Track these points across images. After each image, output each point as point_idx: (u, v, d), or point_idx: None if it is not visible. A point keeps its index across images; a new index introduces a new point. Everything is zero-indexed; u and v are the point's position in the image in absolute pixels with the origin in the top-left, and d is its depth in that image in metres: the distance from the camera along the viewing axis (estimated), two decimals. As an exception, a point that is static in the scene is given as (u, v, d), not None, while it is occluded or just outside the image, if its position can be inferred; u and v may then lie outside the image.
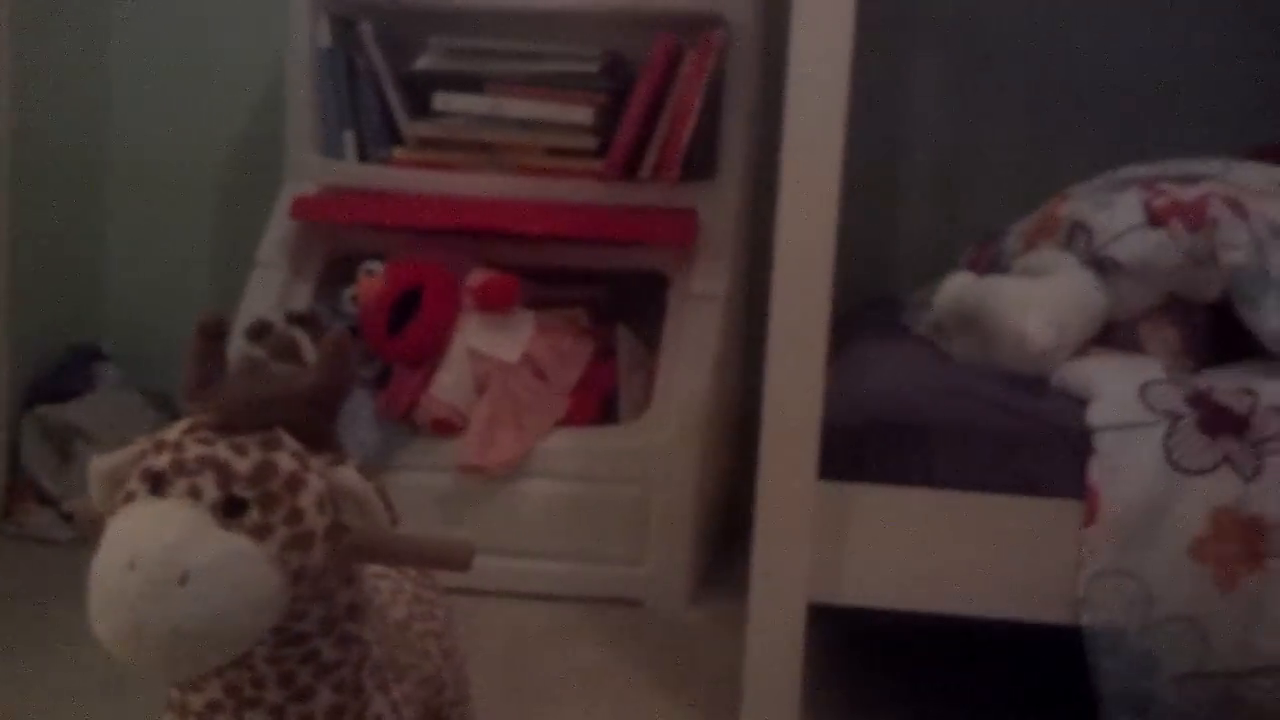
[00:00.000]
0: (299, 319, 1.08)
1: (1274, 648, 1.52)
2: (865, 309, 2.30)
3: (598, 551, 2.19)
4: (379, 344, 2.27)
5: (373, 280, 2.32)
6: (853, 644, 1.98)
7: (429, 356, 2.29)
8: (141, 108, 2.86)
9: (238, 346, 1.00)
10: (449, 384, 2.26)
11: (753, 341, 2.00)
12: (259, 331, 1.03)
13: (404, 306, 2.28)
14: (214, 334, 0.97)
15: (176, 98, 2.85)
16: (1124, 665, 1.53)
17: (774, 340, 1.54)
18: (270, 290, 2.40)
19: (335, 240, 2.50)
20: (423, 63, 2.48)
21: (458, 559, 0.95)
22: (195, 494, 0.87)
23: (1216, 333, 1.77)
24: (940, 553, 1.59)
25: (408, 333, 2.27)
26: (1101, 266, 1.74)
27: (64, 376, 2.64)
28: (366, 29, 2.48)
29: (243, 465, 0.88)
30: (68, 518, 2.42)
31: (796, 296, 1.53)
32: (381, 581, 1.13)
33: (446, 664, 1.16)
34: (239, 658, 0.91)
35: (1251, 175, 1.84)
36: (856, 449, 1.59)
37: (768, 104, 2.23)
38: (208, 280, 2.88)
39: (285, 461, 0.90)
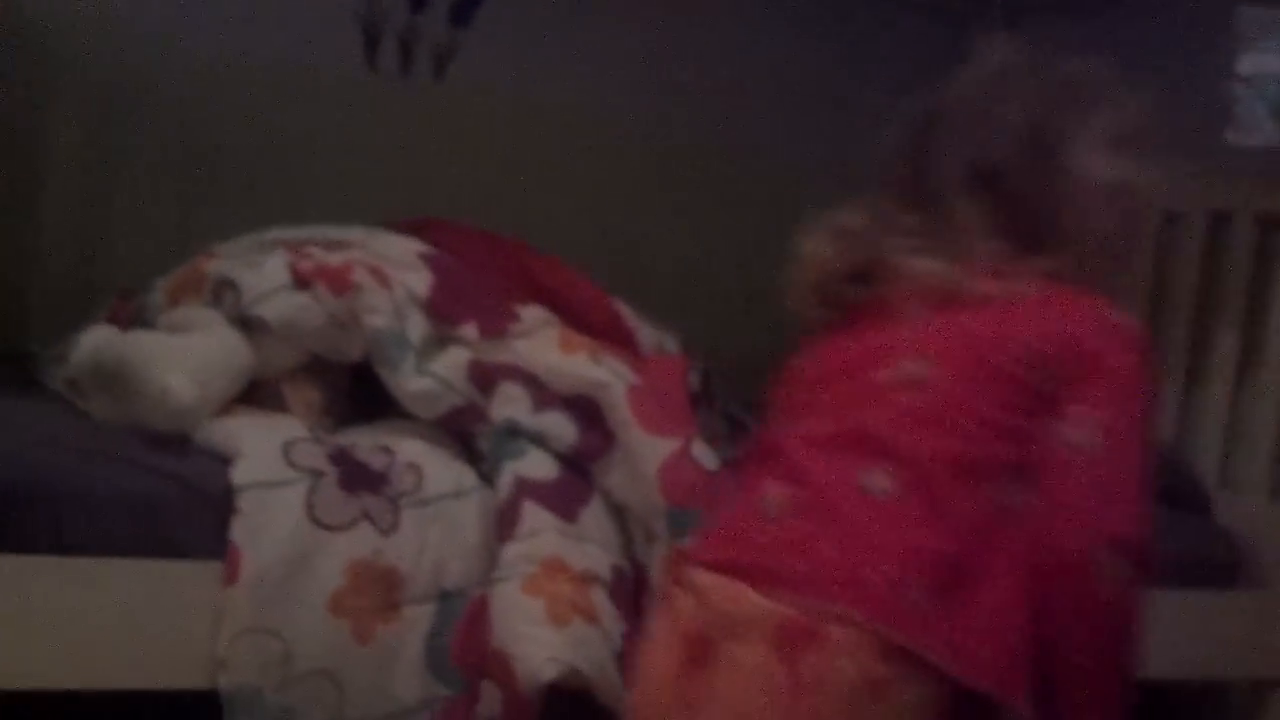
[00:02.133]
0: None
1: (407, 693, 1.60)
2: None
3: None
4: None
5: None
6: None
7: None
8: None
9: None
10: None
11: None
12: None
13: None
14: None
15: None
16: (260, 723, 1.52)
17: None
18: None
19: None
20: None
21: None
22: None
23: (357, 393, 1.84)
24: (76, 624, 1.48)
25: None
26: (248, 325, 1.74)
27: None
28: None
29: None
30: None
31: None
32: None
33: None
34: None
35: (392, 245, 1.95)
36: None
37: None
38: None
39: None
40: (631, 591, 1.68)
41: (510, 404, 1.76)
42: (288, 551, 1.53)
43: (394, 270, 1.85)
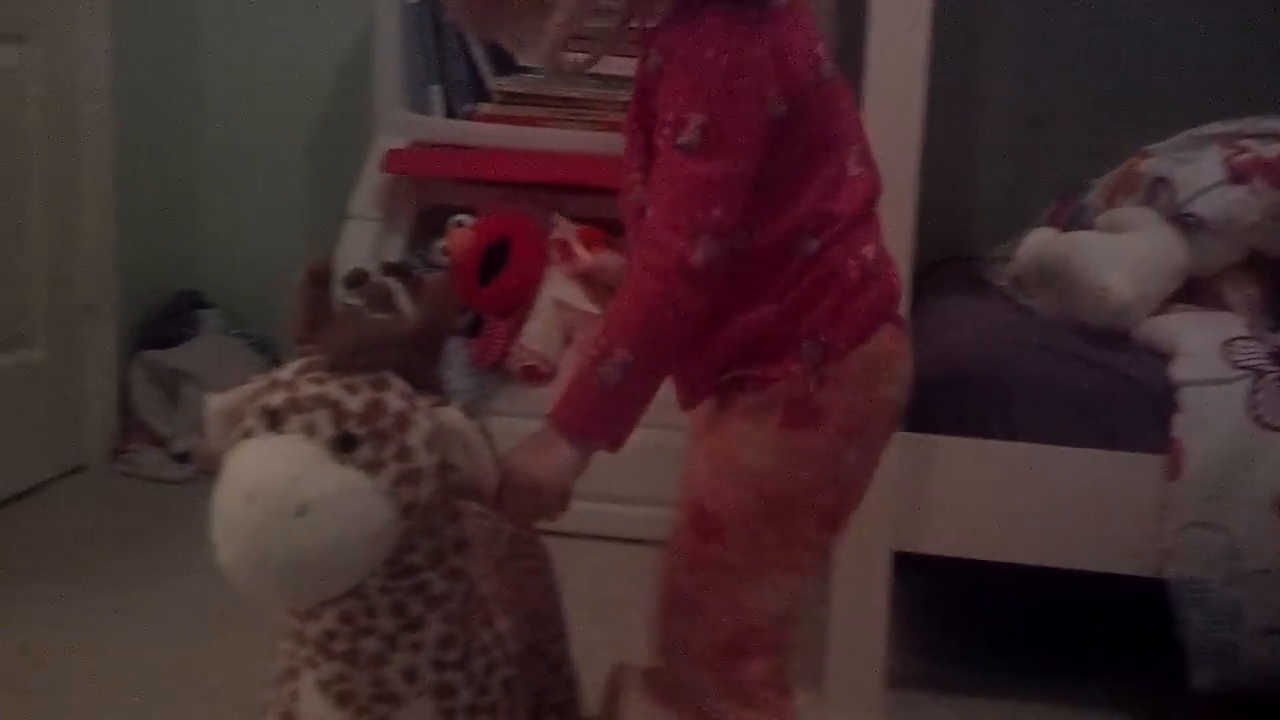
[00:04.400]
0: (392, 269, 1.13)
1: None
2: (944, 265, 2.32)
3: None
4: (469, 294, 2.34)
5: (462, 232, 2.38)
6: (933, 593, 2.02)
7: (517, 306, 2.35)
8: (235, 64, 2.93)
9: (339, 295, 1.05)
10: (537, 333, 2.32)
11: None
12: (356, 280, 1.08)
13: (492, 258, 2.34)
14: (322, 279, 1.01)
15: (269, 54, 2.92)
16: (1209, 617, 1.56)
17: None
18: (363, 242, 2.46)
19: (425, 193, 2.57)
20: (509, 18, 2.52)
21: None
22: (310, 430, 0.91)
23: (1299, 289, 1.78)
24: (1021, 505, 1.62)
25: (497, 283, 2.33)
26: (1183, 223, 1.76)
27: (169, 323, 2.75)
28: (454, -16, 2.52)
29: (354, 403, 0.92)
30: (179, 458, 2.53)
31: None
32: (483, 521, 1.16)
33: (546, 600, 1.22)
34: (354, 588, 0.95)
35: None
36: (937, 402, 1.61)
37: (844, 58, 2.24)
38: (302, 231, 2.95)
39: (394, 401, 0.94)
40: None
41: None
42: (1230, 448, 1.54)
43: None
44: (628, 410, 1.07)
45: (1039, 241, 1.86)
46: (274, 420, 0.92)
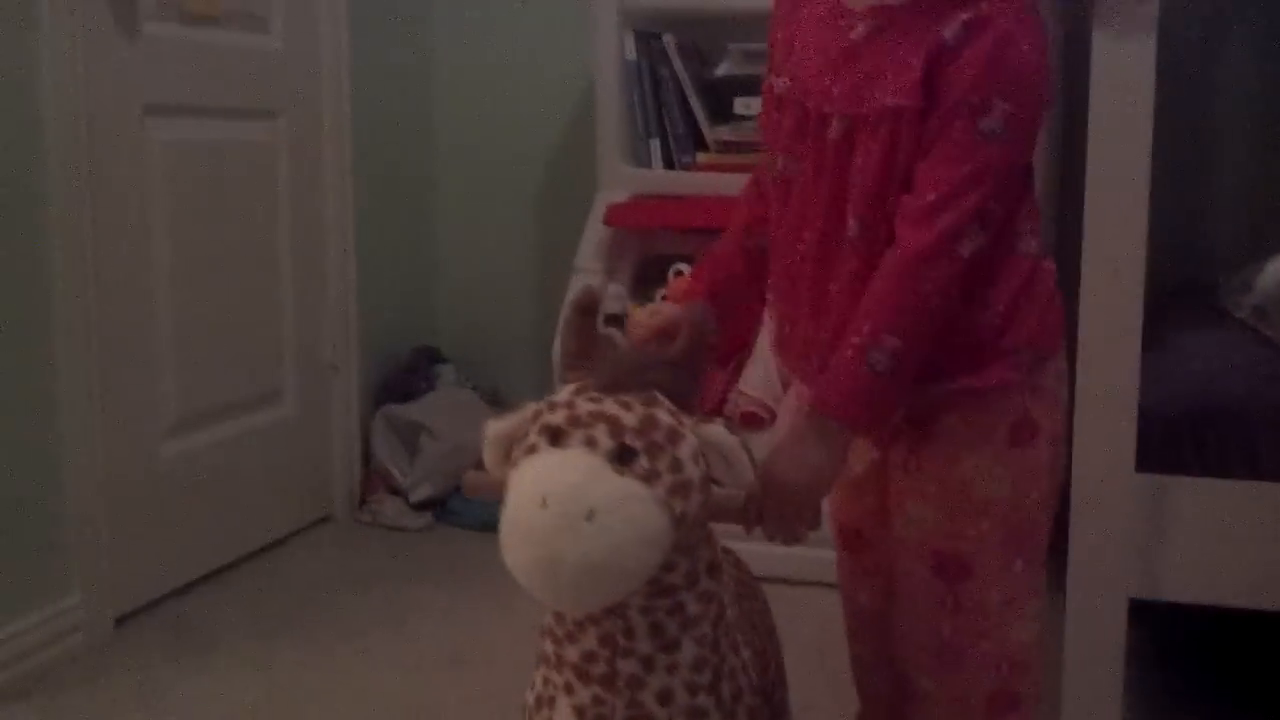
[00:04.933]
0: (613, 320, 1.17)
1: None
2: (1178, 294, 2.22)
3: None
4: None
5: (682, 280, 2.41)
6: (1169, 641, 1.92)
7: (736, 353, 2.36)
8: (465, 126, 3.07)
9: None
10: (757, 379, 2.32)
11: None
12: (586, 307, 1.10)
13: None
14: (587, 309, 1.08)
15: (496, 114, 3.04)
16: None
17: (1085, 328, 1.51)
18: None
19: (646, 244, 2.61)
20: (723, 69, 2.56)
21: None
22: (591, 443, 0.96)
23: None
24: (1267, 549, 1.53)
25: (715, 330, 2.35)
26: None
27: (409, 378, 2.88)
28: (669, 40, 2.57)
29: (630, 418, 0.97)
30: (418, 506, 2.64)
31: (1107, 284, 1.50)
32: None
33: (769, 642, 1.22)
34: (613, 608, 0.99)
35: None
36: (1175, 439, 1.55)
37: (1069, 87, 2.18)
38: (531, 286, 3.05)
39: (665, 417, 0.98)
40: None
41: None
42: None
43: None
44: (894, 397, 1.07)
45: (1281, 269, 1.76)
46: (555, 436, 0.97)
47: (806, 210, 1.12)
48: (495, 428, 1.02)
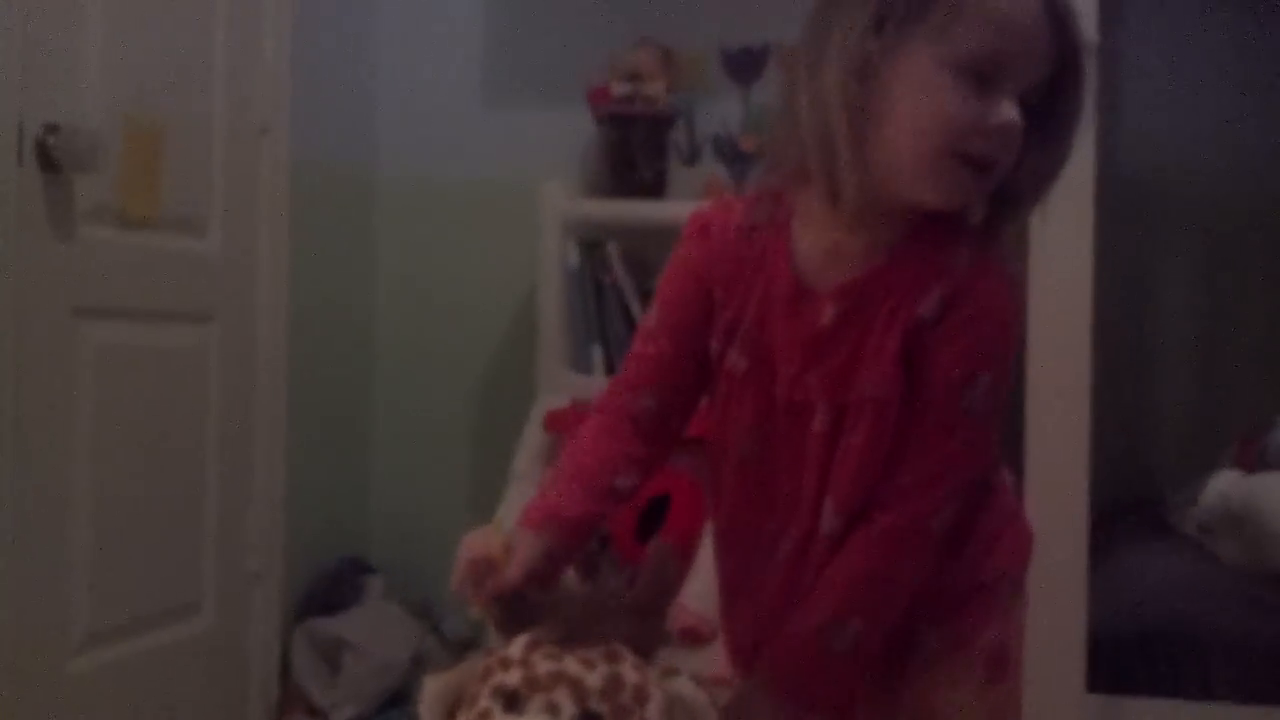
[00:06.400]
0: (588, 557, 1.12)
1: None
2: (1124, 509, 2.21)
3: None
4: (628, 552, 2.30)
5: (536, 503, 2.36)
6: None
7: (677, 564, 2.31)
8: (405, 332, 3.05)
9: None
10: (698, 592, 2.26)
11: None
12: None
13: (652, 514, 2.32)
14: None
15: (437, 321, 3.03)
16: None
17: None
18: (526, 502, 2.46)
19: (584, 452, 2.58)
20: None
21: None
22: (553, 710, 0.89)
23: None
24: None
25: (655, 541, 2.30)
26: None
27: (334, 588, 2.77)
28: (613, 249, 2.59)
29: (593, 679, 0.91)
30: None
31: (1050, 499, 1.50)
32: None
33: None
34: None
35: None
36: (1126, 660, 1.53)
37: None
38: (467, 495, 2.99)
39: (630, 674, 0.93)
40: None
41: None
42: None
43: None
44: (852, 678, 1.03)
45: (1225, 485, 1.76)
46: (511, 701, 0.91)
47: (785, 505, 1.09)
48: (435, 686, 0.96)
